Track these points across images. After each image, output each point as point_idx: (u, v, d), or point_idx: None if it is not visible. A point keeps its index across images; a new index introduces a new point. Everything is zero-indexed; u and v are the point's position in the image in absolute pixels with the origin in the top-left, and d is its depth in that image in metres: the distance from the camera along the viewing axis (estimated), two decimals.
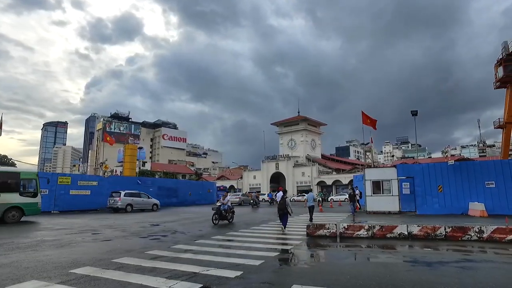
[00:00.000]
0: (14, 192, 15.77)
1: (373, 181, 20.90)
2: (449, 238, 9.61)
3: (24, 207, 15.93)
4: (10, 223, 14.95)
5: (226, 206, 15.17)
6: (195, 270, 6.06)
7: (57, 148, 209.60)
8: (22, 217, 15.86)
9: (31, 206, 16.29)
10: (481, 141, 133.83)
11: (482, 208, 17.04)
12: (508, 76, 33.94)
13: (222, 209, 14.82)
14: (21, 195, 16.02)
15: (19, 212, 15.74)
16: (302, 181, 67.08)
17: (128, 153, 49.37)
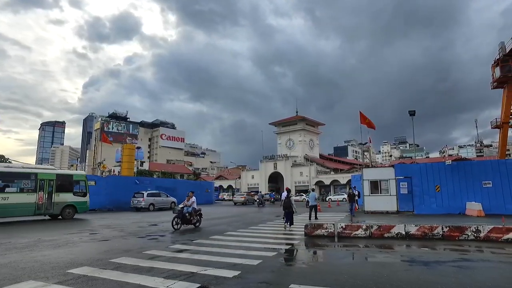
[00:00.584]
0: (69, 192, 18.12)
1: (371, 181, 20.95)
2: (446, 238, 9.65)
3: (76, 205, 18.27)
4: (66, 219, 17.39)
5: (191, 209, 13.19)
6: (193, 270, 6.06)
7: (55, 148, 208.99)
8: (75, 214, 18.15)
9: (82, 205, 18.64)
10: (479, 141, 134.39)
11: (479, 207, 17.12)
12: (505, 76, 34.10)
13: (185, 212, 12.96)
14: (74, 195, 18.34)
15: (73, 210, 18.09)
16: (300, 181, 67.11)
17: (126, 153, 49.19)
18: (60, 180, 17.90)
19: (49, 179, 17.36)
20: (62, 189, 17.75)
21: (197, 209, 13.57)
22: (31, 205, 16.29)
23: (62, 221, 16.93)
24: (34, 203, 16.42)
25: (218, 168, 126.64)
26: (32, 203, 16.34)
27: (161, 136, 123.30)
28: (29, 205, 16.21)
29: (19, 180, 16.64)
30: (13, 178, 16.55)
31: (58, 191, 17.48)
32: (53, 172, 18.30)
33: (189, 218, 13.05)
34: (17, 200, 15.82)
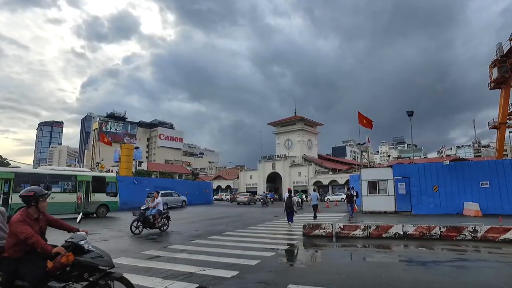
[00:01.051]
0: (102, 193, 19.90)
1: (369, 181, 21.00)
2: (444, 238, 9.69)
3: (109, 204, 19.98)
4: (100, 217, 18.89)
5: (155, 211, 11.96)
6: (191, 270, 6.06)
7: (53, 147, 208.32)
8: (107, 213, 19.74)
9: (113, 204, 20.31)
10: (476, 141, 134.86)
11: (477, 208, 17.18)
12: (503, 77, 34.21)
13: (148, 215, 11.71)
14: (107, 195, 20.09)
15: (106, 208, 19.77)
16: (299, 181, 67.14)
17: (124, 153, 49.17)
18: (95, 181, 19.67)
19: (86, 180, 19.17)
20: (97, 190, 19.56)
21: (163, 211, 12.40)
22: (72, 204, 18.08)
23: (96, 218, 18.64)
24: (74, 202, 18.23)
25: (217, 168, 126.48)
26: (73, 202, 18.16)
27: (160, 136, 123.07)
28: (70, 204, 17.96)
29: (62, 181, 18.58)
30: (57, 180, 18.56)
31: (93, 191, 19.33)
32: (89, 175, 20.33)
33: (153, 221, 11.73)
34: (61, 199, 17.38)
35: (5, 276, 3.48)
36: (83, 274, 3.60)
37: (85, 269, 3.59)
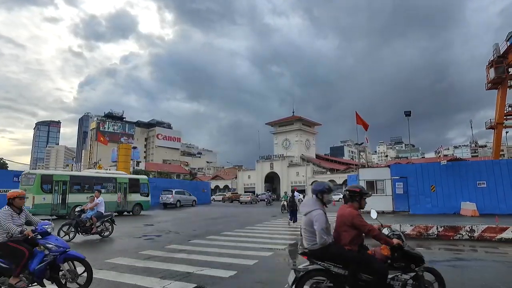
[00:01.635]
0: (137, 193, 22.00)
1: (367, 181, 21.03)
2: (441, 237, 9.74)
3: (142, 203, 22.13)
4: (135, 215, 20.68)
5: (93, 213, 10.36)
6: (189, 270, 6.06)
7: (50, 147, 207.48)
8: (141, 211, 21.73)
9: (146, 203, 22.55)
10: (473, 142, 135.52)
11: (474, 207, 17.27)
12: (499, 77, 34.36)
13: (84, 218, 10.14)
14: (141, 195, 22.21)
15: (140, 207, 21.84)
16: (297, 181, 67.21)
17: (122, 152, 49.13)
18: (131, 183, 21.86)
19: (124, 182, 21.37)
20: (132, 191, 21.68)
21: (105, 213, 10.78)
22: (113, 203, 19.79)
23: (131, 216, 20.36)
24: (115, 201, 20.20)
25: (215, 168, 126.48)
26: (114, 202, 20.04)
27: (157, 136, 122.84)
28: (112, 203, 19.53)
29: (105, 183, 20.36)
30: (101, 182, 20.25)
31: (130, 192, 21.44)
32: (127, 177, 22.64)
33: (89, 225, 10.11)
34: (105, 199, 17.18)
35: (351, 271, 3.53)
36: (410, 265, 3.78)
37: (410, 260, 3.82)
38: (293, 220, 14.36)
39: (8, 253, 4.35)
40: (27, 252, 4.30)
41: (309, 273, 3.63)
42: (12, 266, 4.28)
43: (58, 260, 4.47)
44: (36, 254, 4.39)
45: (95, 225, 10.21)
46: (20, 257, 4.26)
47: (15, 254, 4.31)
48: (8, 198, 4.61)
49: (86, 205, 10.71)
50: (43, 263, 4.34)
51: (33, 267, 4.29)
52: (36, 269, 4.29)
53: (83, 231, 10.05)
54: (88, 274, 4.71)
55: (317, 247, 3.60)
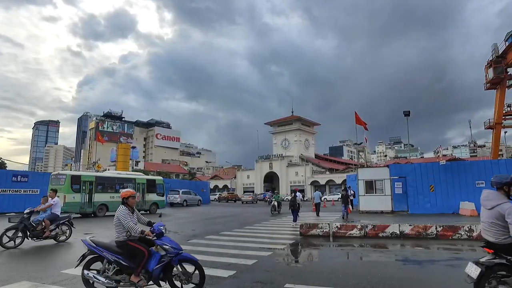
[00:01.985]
0: (154, 193, 23.31)
1: (366, 181, 21.07)
2: (440, 237, 9.75)
3: (158, 203, 23.42)
4: (152, 214, 22.10)
5: (45, 215, 9.18)
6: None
7: (49, 147, 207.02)
8: (157, 210, 22.73)
9: (161, 203, 23.86)
10: (472, 142, 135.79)
11: (472, 207, 17.29)
12: (498, 77, 34.44)
13: (35, 221, 8.94)
14: (157, 195, 23.54)
15: (156, 206, 23.14)
16: (296, 181, 67.26)
17: (121, 152, 49.10)
18: (148, 183, 23.13)
19: (142, 182, 22.64)
20: (150, 191, 22.99)
21: (61, 216, 9.66)
22: None
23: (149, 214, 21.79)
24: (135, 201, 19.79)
25: (214, 168, 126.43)
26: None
27: (156, 135, 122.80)
28: None
29: (126, 183, 21.44)
30: (123, 182, 21.41)
31: (147, 192, 22.73)
32: (145, 178, 23.90)
33: (41, 229, 8.90)
34: None
35: None
36: None
37: None
38: (294, 220, 14.47)
39: (128, 252, 4.44)
40: (146, 252, 4.38)
41: (493, 268, 3.63)
42: (131, 265, 4.38)
43: (174, 262, 4.51)
44: (153, 254, 4.46)
45: (48, 229, 8.99)
46: (140, 257, 4.34)
47: (135, 254, 4.40)
48: (123, 197, 4.71)
49: (38, 206, 9.50)
50: (160, 264, 4.42)
51: (152, 267, 4.35)
52: (154, 269, 4.36)
53: (33, 236, 8.81)
54: (201, 276, 4.65)
55: (509, 241, 3.56)
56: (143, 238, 4.53)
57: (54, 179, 18.97)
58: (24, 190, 21.76)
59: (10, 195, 21.11)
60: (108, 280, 4.38)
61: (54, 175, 19.57)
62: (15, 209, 20.78)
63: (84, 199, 18.73)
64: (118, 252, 4.45)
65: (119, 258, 4.41)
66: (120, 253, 4.43)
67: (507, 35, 33.20)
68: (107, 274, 4.45)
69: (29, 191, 21.95)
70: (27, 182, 22.15)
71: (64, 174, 19.38)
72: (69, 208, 17.24)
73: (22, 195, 21.53)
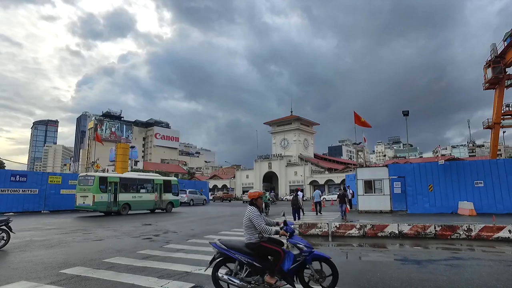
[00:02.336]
0: (169, 193, 24.66)
1: (365, 181, 21.08)
2: (438, 237, 9.77)
3: (174, 202, 24.93)
4: (168, 212, 23.35)
5: None
6: (187, 269, 6.05)
7: (48, 147, 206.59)
8: (172, 209, 24.49)
9: (176, 202, 25.40)
10: (471, 141, 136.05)
11: (471, 207, 17.33)
12: (496, 77, 34.49)
13: None
14: (172, 195, 24.93)
15: (172, 205, 24.62)
16: (295, 181, 67.27)
17: (120, 152, 48.85)
18: (165, 184, 24.44)
19: (159, 183, 23.96)
20: (166, 191, 24.32)
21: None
22: (152, 201, 23.00)
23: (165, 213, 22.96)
24: (153, 200, 23.08)
25: (213, 167, 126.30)
26: (152, 200, 23.04)
27: (156, 135, 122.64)
28: (151, 202, 22.95)
29: (146, 184, 23.09)
30: (143, 183, 22.98)
31: (164, 192, 24.04)
32: (162, 179, 25.31)
33: None
34: (146, 198, 22.67)
35: None
36: None
37: None
38: (297, 218, 14.88)
39: (260, 253, 4.39)
40: (282, 253, 4.31)
41: None
42: (263, 266, 4.34)
43: (307, 260, 4.43)
44: (287, 254, 4.37)
45: None
46: (276, 257, 4.30)
47: (269, 254, 4.37)
48: (252, 198, 4.63)
49: None
50: (296, 263, 4.34)
51: (287, 267, 4.28)
52: (289, 269, 4.29)
53: None
54: (334, 275, 4.49)
55: None
56: (272, 238, 4.47)
57: (82, 180, 20.06)
58: (23, 190, 21.69)
59: (9, 195, 21.04)
60: (242, 282, 4.35)
61: (82, 176, 20.61)
62: (13, 209, 20.76)
63: (110, 198, 19.92)
64: (250, 254, 4.39)
65: (252, 259, 4.36)
66: (252, 254, 4.37)
67: (505, 35, 33.26)
68: (240, 276, 4.41)
69: (27, 191, 21.90)
70: (26, 182, 22.08)
71: (93, 175, 20.47)
72: (97, 207, 19.10)
73: (21, 195, 21.49)
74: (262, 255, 4.39)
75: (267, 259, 4.38)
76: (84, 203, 19.15)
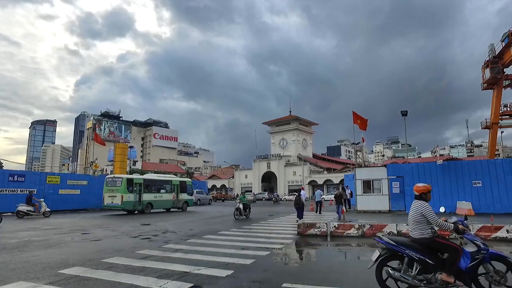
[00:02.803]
0: (185, 193, 26.51)
1: (364, 181, 21.13)
2: None
3: (188, 201, 26.82)
4: (184, 211, 25.13)
5: None
6: (186, 269, 6.05)
7: (46, 147, 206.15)
8: (187, 208, 26.40)
9: (191, 201, 27.43)
10: (469, 141, 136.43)
11: (469, 207, 17.39)
12: (494, 78, 34.59)
13: None
14: (187, 195, 26.79)
15: (187, 204, 26.52)
16: (294, 181, 67.32)
17: (118, 152, 48.78)
18: (181, 185, 26.36)
19: (177, 184, 25.86)
20: (182, 191, 26.16)
21: None
22: (170, 201, 24.88)
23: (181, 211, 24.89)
24: (171, 199, 24.98)
25: (212, 167, 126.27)
26: (171, 200, 24.93)
27: (154, 135, 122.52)
28: (170, 201, 24.83)
29: (165, 184, 24.98)
30: (163, 184, 24.92)
31: (180, 192, 25.89)
32: (178, 180, 27.36)
33: None
34: (165, 198, 24.52)
35: None
36: None
37: None
38: (300, 217, 15.11)
39: (433, 249, 4.22)
40: (460, 249, 4.11)
41: None
42: (436, 263, 4.16)
43: (485, 259, 4.11)
44: (463, 251, 4.13)
45: None
46: (453, 254, 4.11)
47: (444, 251, 4.19)
48: (421, 192, 4.48)
49: None
50: (474, 261, 4.06)
51: (465, 265, 4.06)
52: (467, 267, 4.04)
53: None
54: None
55: None
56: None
57: (110, 181, 21.79)
58: (21, 190, 21.60)
59: (7, 195, 20.97)
60: (415, 280, 4.19)
61: (110, 178, 22.36)
62: (11, 209, 20.66)
63: (136, 198, 21.65)
64: (421, 250, 4.20)
65: (423, 256, 4.16)
66: (423, 250, 4.17)
67: (503, 35, 33.36)
68: (410, 274, 4.24)
69: (26, 191, 21.79)
70: (24, 182, 22.02)
71: (120, 177, 22.35)
72: (125, 206, 20.93)
73: (19, 195, 21.40)
74: (433, 251, 4.19)
75: (437, 256, 4.17)
76: (112, 202, 20.77)
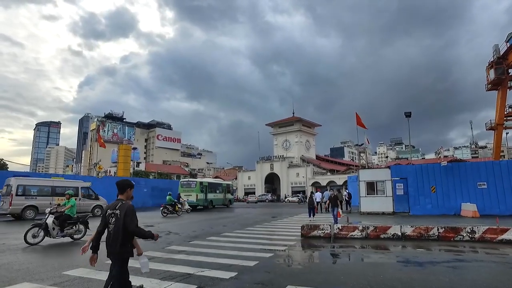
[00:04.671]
0: (229, 193, 35.71)
1: (367, 182, 21.03)
2: (441, 239, 9.71)
3: (231, 200, 36.10)
4: (228, 208, 32.24)
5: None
6: (189, 271, 6.05)
7: (50, 148, 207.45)
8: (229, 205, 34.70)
9: (232, 200, 36.95)
10: (474, 142, 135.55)
11: (474, 208, 17.24)
12: (499, 78, 34.41)
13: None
14: (231, 194, 36.08)
15: (230, 202, 35.42)
16: (297, 182, 67.20)
17: (122, 153, 49.10)
18: (227, 187, 35.39)
19: (225, 186, 34.77)
20: (228, 191, 35.39)
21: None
22: (221, 199, 33.36)
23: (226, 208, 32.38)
24: (222, 198, 33.53)
25: (215, 169, 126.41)
26: (222, 198, 33.55)
27: (157, 136, 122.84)
28: (222, 199, 33.38)
29: (219, 187, 33.79)
30: (216, 186, 33.40)
31: (227, 192, 34.78)
32: (225, 182, 36.60)
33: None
34: (219, 197, 32.76)
35: None
36: None
37: None
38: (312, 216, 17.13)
39: None
40: None
41: None
42: None
43: None
44: None
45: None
46: None
47: None
48: None
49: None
50: None
51: None
52: None
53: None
54: None
55: None
56: None
57: (185, 184, 29.72)
58: None
59: None
60: None
61: (185, 181, 30.76)
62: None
63: (205, 196, 29.58)
64: None
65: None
66: None
67: (508, 36, 33.19)
68: None
69: None
70: None
71: (194, 180, 31.18)
72: (199, 202, 28.53)
73: None
74: None
75: None
76: (188, 200, 26.07)
